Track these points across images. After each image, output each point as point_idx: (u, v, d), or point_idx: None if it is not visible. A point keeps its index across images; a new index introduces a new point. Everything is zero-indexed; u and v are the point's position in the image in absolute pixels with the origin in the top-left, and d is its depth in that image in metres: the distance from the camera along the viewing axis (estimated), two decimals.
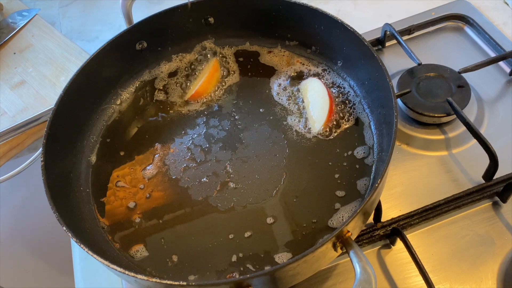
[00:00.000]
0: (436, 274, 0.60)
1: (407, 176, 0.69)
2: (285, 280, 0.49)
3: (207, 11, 0.74)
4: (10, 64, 0.93)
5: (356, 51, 0.64)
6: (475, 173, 0.68)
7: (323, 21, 0.68)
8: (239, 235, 0.58)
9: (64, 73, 0.89)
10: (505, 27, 0.85)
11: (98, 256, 0.49)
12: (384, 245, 0.64)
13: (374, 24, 0.88)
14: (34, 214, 1.18)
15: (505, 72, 0.78)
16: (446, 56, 0.81)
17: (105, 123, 0.71)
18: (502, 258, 0.61)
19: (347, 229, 0.47)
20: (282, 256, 0.56)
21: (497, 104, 0.75)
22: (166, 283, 0.47)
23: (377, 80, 0.61)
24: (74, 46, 0.94)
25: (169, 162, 0.66)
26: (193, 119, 0.71)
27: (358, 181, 0.60)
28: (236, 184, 0.63)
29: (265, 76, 0.74)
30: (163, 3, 1.01)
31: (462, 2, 0.89)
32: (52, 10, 1.09)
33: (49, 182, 0.55)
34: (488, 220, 0.64)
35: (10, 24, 1.00)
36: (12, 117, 0.84)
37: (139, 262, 0.58)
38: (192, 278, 0.56)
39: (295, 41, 0.75)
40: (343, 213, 0.58)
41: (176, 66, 0.76)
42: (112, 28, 1.03)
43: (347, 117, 0.67)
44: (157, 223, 0.61)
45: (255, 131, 0.68)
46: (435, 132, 0.73)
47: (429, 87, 0.74)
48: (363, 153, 0.63)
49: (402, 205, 0.66)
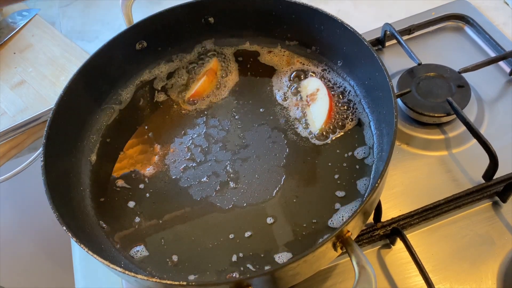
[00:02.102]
0: (436, 274, 0.60)
1: (407, 176, 0.69)
2: (285, 280, 0.49)
3: (207, 11, 0.74)
4: (10, 64, 0.93)
5: (356, 51, 0.64)
6: (475, 173, 0.68)
7: (323, 21, 0.68)
8: (240, 235, 0.58)
9: (64, 73, 0.89)
10: (505, 27, 0.85)
11: (98, 256, 0.48)
12: (384, 245, 0.64)
13: (374, 24, 0.88)
14: (34, 214, 1.18)
15: (505, 72, 0.78)
16: (446, 56, 0.81)
17: (105, 123, 0.71)
18: (502, 258, 0.61)
19: (347, 229, 0.47)
20: (282, 256, 0.56)
21: (497, 104, 0.75)
22: (166, 283, 0.47)
23: (377, 80, 0.61)
24: (74, 46, 0.94)
25: (169, 162, 0.66)
26: (193, 119, 0.71)
27: (358, 181, 0.60)
28: (236, 184, 0.63)
29: (265, 76, 0.74)
30: (163, 3, 1.01)
31: (462, 2, 0.89)
32: (52, 10, 1.09)
33: (49, 182, 0.55)
34: (488, 220, 0.64)
35: (10, 24, 1.00)
36: (12, 117, 0.84)
37: (139, 262, 0.58)
38: (192, 278, 0.56)
39: (295, 41, 0.75)
40: (343, 213, 0.58)
41: (176, 66, 0.76)
42: (112, 28, 1.03)
43: (347, 117, 0.67)
44: (157, 223, 0.61)
45: (255, 131, 0.68)
46: (435, 132, 0.73)
47: (429, 87, 0.74)
48: (363, 153, 0.63)
49: (402, 205, 0.66)
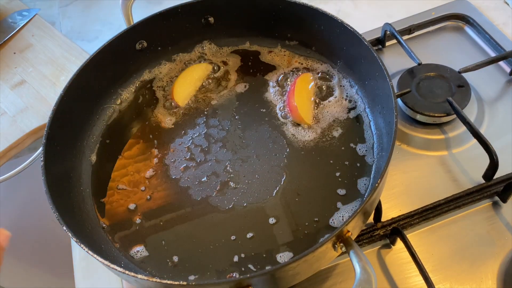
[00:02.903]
0: (436, 274, 0.60)
1: (407, 176, 0.69)
2: (285, 280, 0.49)
3: (207, 10, 0.74)
4: (10, 64, 0.93)
5: (356, 51, 0.64)
6: (475, 173, 0.68)
7: (323, 21, 0.68)
8: (241, 236, 0.58)
9: (64, 73, 0.89)
10: (505, 27, 0.85)
11: (98, 256, 0.48)
12: (384, 245, 0.64)
13: (374, 24, 0.88)
14: (34, 214, 1.18)
15: (505, 72, 0.78)
16: (446, 56, 0.81)
17: (105, 123, 0.71)
18: (502, 258, 0.61)
19: (347, 229, 0.47)
20: (284, 255, 0.56)
21: (497, 104, 0.75)
22: (166, 283, 0.47)
23: (377, 80, 0.61)
24: (74, 46, 0.94)
25: (169, 162, 0.66)
26: (193, 119, 0.71)
27: (358, 180, 0.60)
28: (236, 184, 0.63)
29: (265, 76, 0.74)
30: (163, 3, 1.01)
31: (462, 2, 0.89)
32: (52, 10, 1.09)
33: (49, 182, 0.55)
34: (488, 220, 0.64)
35: (10, 24, 1.00)
36: (12, 117, 0.84)
37: (139, 262, 0.58)
38: (192, 278, 0.56)
39: (295, 41, 0.75)
40: (343, 212, 0.58)
41: (176, 66, 0.76)
42: (112, 28, 1.03)
43: (347, 116, 0.67)
44: (157, 223, 0.61)
45: (255, 131, 0.68)
46: (435, 132, 0.73)
47: (429, 87, 0.74)
48: (363, 152, 0.63)
49: (402, 205, 0.66)
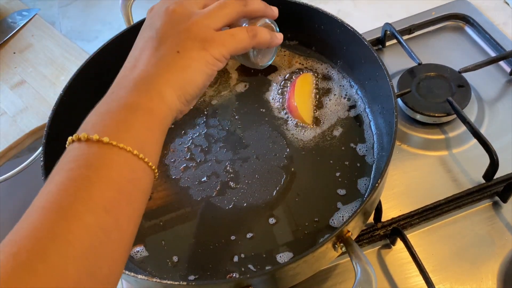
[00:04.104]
0: (437, 274, 0.60)
1: (407, 176, 0.69)
2: (285, 280, 0.49)
3: None
4: (10, 64, 0.93)
5: (356, 50, 0.64)
6: (475, 173, 0.68)
7: (323, 21, 0.68)
8: (241, 236, 0.58)
9: (64, 73, 0.89)
10: (505, 27, 0.85)
11: None
12: (384, 245, 0.64)
13: (374, 23, 0.88)
14: None
15: (505, 71, 0.78)
16: (446, 56, 0.81)
17: None
18: (502, 258, 0.61)
19: (347, 229, 0.47)
20: (284, 256, 0.56)
21: (497, 104, 0.75)
22: (166, 283, 0.47)
23: (377, 79, 0.61)
24: (74, 46, 0.93)
25: (168, 162, 0.66)
26: (193, 119, 0.71)
27: (358, 180, 0.60)
28: (236, 184, 0.63)
29: (265, 76, 0.74)
30: None
31: (463, 2, 0.89)
32: (52, 10, 1.09)
33: None
34: (488, 220, 0.64)
35: (10, 24, 1.00)
36: (12, 117, 0.84)
37: (139, 262, 0.58)
38: (192, 278, 0.56)
39: (295, 41, 0.75)
40: (343, 212, 0.58)
41: None
42: (112, 28, 1.03)
43: (347, 116, 0.67)
44: (157, 223, 0.61)
45: (255, 131, 0.68)
46: (435, 132, 0.73)
47: (429, 87, 0.74)
48: (363, 152, 0.63)
49: (402, 205, 0.66)
